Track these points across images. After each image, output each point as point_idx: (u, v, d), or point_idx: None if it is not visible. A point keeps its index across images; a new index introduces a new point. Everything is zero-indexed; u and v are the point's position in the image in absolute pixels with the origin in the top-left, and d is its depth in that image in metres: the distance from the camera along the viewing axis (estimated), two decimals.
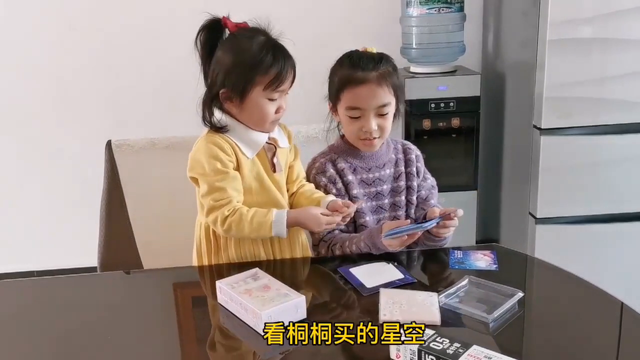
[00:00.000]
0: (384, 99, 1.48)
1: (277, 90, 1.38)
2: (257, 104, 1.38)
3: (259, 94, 1.38)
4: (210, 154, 1.38)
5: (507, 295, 1.19)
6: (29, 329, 1.21)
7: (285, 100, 1.43)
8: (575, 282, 1.30)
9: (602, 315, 1.20)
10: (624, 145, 2.32)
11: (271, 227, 1.36)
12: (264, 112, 1.39)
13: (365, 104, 1.47)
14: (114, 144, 1.72)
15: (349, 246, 1.46)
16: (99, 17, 2.74)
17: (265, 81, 1.36)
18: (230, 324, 1.18)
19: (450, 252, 1.42)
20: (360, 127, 1.49)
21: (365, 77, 1.46)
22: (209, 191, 1.38)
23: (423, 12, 2.55)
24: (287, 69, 1.38)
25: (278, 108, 1.41)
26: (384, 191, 1.57)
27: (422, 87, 2.54)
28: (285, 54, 1.40)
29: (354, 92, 1.47)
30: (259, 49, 1.37)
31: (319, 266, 1.47)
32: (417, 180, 1.60)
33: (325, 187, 1.53)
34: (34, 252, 2.98)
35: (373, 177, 1.56)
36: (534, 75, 2.31)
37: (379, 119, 1.49)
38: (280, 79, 1.37)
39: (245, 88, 1.37)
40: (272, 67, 1.36)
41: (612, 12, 2.19)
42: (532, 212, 2.40)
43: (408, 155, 1.62)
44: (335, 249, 1.49)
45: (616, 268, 2.39)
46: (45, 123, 2.85)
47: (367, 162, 1.56)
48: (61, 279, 1.53)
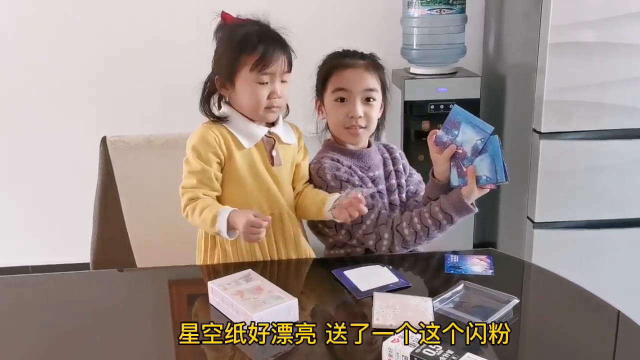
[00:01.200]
0: (371, 84, 1.48)
1: (264, 72, 1.37)
2: (246, 86, 1.38)
3: (247, 76, 1.37)
4: (193, 144, 1.40)
5: (503, 301, 1.17)
6: (20, 327, 1.19)
7: (283, 87, 1.41)
8: (571, 289, 1.29)
9: (599, 324, 1.19)
10: (624, 151, 2.30)
11: (213, 223, 1.32)
12: (254, 95, 1.38)
13: (352, 85, 1.47)
14: (108, 141, 1.70)
15: (421, 221, 1.41)
16: (96, 13, 2.72)
17: (251, 61, 1.36)
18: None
19: (446, 257, 1.41)
20: (347, 112, 1.48)
21: (352, 62, 1.50)
22: (184, 177, 1.40)
23: (424, 13, 2.54)
24: (275, 50, 1.37)
25: (271, 93, 1.39)
26: (383, 190, 1.56)
27: (422, 88, 2.52)
28: (275, 38, 1.39)
29: (341, 74, 1.49)
30: (246, 33, 1.38)
31: (313, 268, 1.46)
32: (404, 177, 1.60)
33: (347, 181, 1.47)
34: (30, 247, 2.96)
35: (373, 176, 1.55)
36: (534, 79, 2.29)
37: (365, 105, 1.48)
38: (267, 60, 1.36)
39: (233, 70, 1.38)
40: (258, 47, 1.36)
41: (614, 17, 2.17)
42: (530, 216, 2.39)
43: (392, 154, 1.62)
44: (402, 230, 1.43)
45: (614, 274, 2.37)
46: (40, 119, 2.83)
47: (364, 161, 1.55)
48: (53, 276, 1.51)
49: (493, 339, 1.04)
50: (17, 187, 2.91)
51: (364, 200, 1.32)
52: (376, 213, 1.47)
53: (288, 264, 1.46)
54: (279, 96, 1.40)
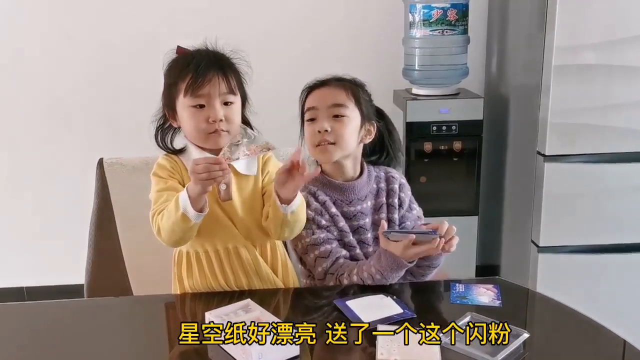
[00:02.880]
0: (339, 99, 1.45)
1: (197, 95, 1.31)
2: (184, 113, 1.34)
3: (184, 103, 1.33)
4: (154, 174, 1.39)
5: (512, 335, 1.13)
6: (12, 355, 1.16)
7: (229, 110, 1.34)
8: (578, 320, 1.25)
9: (605, 355, 1.16)
10: (629, 174, 2.27)
11: (177, 204, 1.25)
12: (191, 120, 1.33)
13: (319, 103, 1.45)
14: (105, 163, 1.67)
15: (358, 273, 1.37)
16: (94, 34, 2.71)
17: (184, 87, 1.32)
18: (219, 359, 1.11)
19: (452, 286, 1.36)
20: (315, 130, 1.44)
21: (324, 82, 1.49)
22: (152, 203, 1.36)
23: (426, 34, 2.52)
24: (208, 71, 1.31)
25: (208, 117, 1.32)
26: (366, 225, 1.50)
27: (424, 110, 2.49)
28: (210, 60, 1.33)
29: (312, 95, 1.48)
30: (182, 60, 1.35)
31: (313, 298, 1.41)
32: (399, 212, 1.52)
33: (312, 220, 1.44)
34: (25, 268, 2.92)
35: (354, 211, 1.49)
36: (538, 101, 2.27)
37: (333, 121, 1.43)
38: (197, 82, 1.30)
39: (172, 99, 1.36)
40: (187, 69, 1.31)
41: (618, 39, 2.16)
42: (535, 240, 2.35)
43: (391, 184, 1.54)
44: (342, 279, 1.40)
45: (620, 299, 2.33)
46: (36, 140, 2.81)
47: (347, 195, 1.49)
48: (46, 304, 1.46)
49: (493, 339, 1.06)
50: (13, 208, 2.87)
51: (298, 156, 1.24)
52: (329, 263, 1.43)
53: (285, 293, 1.41)
54: (218, 119, 1.32)
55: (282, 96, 2.65)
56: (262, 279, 1.41)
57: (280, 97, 1.75)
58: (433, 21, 2.50)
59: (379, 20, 2.75)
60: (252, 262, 1.40)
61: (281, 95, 2.72)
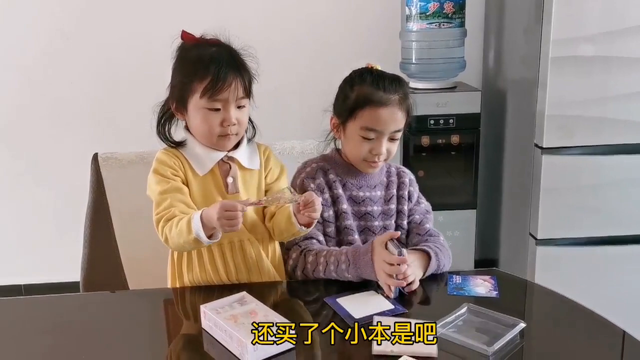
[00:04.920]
0: (400, 124, 1.44)
1: (215, 99, 1.30)
2: (197, 113, 1.33)
3: (198, 103, 1.31)
4: (155, 171, 1.36)
5: (508, 325, 1.13)
6: (10, 350, 1.16)
7: (240, 113, 1.34)
8: (576, 311, 1.24)
9: (604, 346, 1.15)
10: (627, 166, 2.27)
11: (189, 227, 1.24)
12: (205, 123, 1.32)
13: (383, 127, 1.41)
14: (100, 157, 1.66)
15: (326, 257, 1.37)
16: (89, 29, 2.69)
17: (201, 88, 1.30)
18: (214, 352, 1.11)
19: (449, 277, 1.36)
20: (370, 149, 1.43)
21: (388, 100, 1.40)
22: (155, 206, 1.34)
23: (423, 27, 2.51)
24: (228, 75, 1.30)
25: (223, 120, 1.32)
26: (374, 212, 1.50)
27: (422, 103, 2.47)
28: (229, 61, 1.32)
29: (374, 113, 1.40)
30: (198, 56, 1.32)
31: (309, 291, 1.40)
32: (408, 205, 1.53)
33: None
34: (22, 266, 2.90)
35: (363, 196, 1.49)
36: (535, 93, 2.26)
37: (389, 143, 1.44)
38: (218, 86, 1.29)
39: (184, 95, 1.33)
40: (208, 73, 1.29)
41: (614, 31, 2.15)
42: (533, 232, 2.34)
43: (401, 178, 1.55)
44: (308, 256, 1.40)
45: (618, 291, 2.32)
46: (31, 136, 2.79)
47: (358, 180, 1.50)
48: (43, 299, 1.45)
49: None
50: (9, 205, 2.86)
51: (317, 199, 1.26)
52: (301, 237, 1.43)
53: (283, 285, 1.41)
54: (232, 123, 1.32)
55: (277, 90, 2.65)
56: (263, 273, 1.41)
57: (276, 91, 1.74)
58: (430, 14, 2.49)
59: (376, 13, 2.75)
60: (255, 256, 1.40)
61: (277, 88, 2.73)
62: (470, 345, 1.07)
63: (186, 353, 1.17)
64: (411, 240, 1.50)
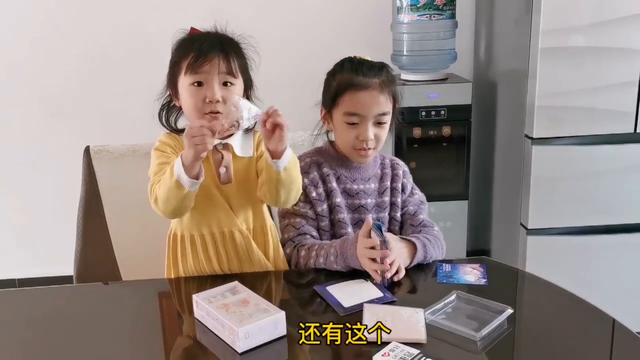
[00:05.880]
0: (384, 107, 1.43)
1: (198, 72, 1.30)
2: (184, 91, 1.34)
3: (184, 81, 1.33)
4: (156, 148, 1.39)
5: (497, 311, 1.14)
6: (3, 342, 1.16)
7: (227, 92, 1.31)
8: (566, 298, 1.26)
9: (594, 333, 1.17)
10: (616, 156, 2.29)
11: (172, 171, 1.24)
12: (190, 99, 1.32)
13: (365, 111, 1.41)
14: (92, 150, 1.66)
15: (317, 250, 1.39)
16: (80, 21, 2.69)
17: (185, 65, 1.31)
18: (207, 341, 1.12)
19: (439, 266, 1.38)
20: (357, 135, 1.43)
21: (367, 83, 1.41)
22: (152, 175, 1.35)
23: (414, 19, 2.52)
24: (211, 50, 1.30)
25: (206, 96, 1.30)
26: (368, 205, 1.51)
27: (413, 95, 2.50)
28: (214, 41, 1.32)
29: (354, 96, 1.41)
30: (188, 39, 1.35)
31: (301, 281, 1.41)
32: (402, 197, 1.54)
33: (305, 189, 1.45)
34: (16, 260, 2.91)
35: (357, 189, 1.50)
36: (525, 84, 2.28)
37: (376, 128, 1.44)
38: (198, 61, 1.29)
39: (175, 79, 1.35)
40: (192, 49, 1.31)
41: (604, 21, 2.16)
42: (524, 222, 2.36)
43: (395, 170, 1.56)
44: (301, 251, 1.42)
45: (608, 280, 2.35)
46: (23, 129, 2.79)
47: (352, 172, 1.51)
48: (35, 290, 1.46)
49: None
50: (2, 199, 2.85)
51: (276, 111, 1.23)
52: (296, 233, 1.45)
53: (268, 275, 1.42)
54: (216, 100, 1.30)
55: (269, 83, 2.63)
56: (254, 263, 1.42)
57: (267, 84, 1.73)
58: (420, 6, 2.49)
59: (367, 5, 2.75)
60: (245, 246, 1.41)
61: (269, 81, 2.73)
62: (459, 331, 1.09)
63: (179, 342, 1.18)
64: (405, 232, 1.51)
